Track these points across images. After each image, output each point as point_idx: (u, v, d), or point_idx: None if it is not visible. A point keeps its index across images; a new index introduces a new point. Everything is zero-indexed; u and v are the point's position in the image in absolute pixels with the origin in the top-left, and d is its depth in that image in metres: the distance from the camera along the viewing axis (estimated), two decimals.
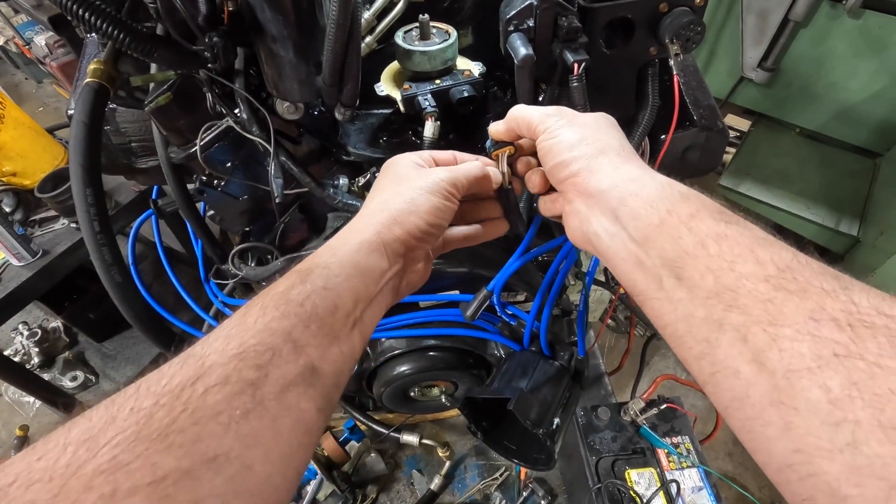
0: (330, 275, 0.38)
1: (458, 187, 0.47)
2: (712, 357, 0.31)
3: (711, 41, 2.09)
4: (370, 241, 0.42)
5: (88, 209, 0.60)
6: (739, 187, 2.07)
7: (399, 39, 0.65)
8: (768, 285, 0.30)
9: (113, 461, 0.25)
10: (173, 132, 0.72)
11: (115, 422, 0.27)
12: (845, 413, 0.24)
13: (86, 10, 0.48)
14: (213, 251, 0.92)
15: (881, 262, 1.66)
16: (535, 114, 0.47)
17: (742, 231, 0.33)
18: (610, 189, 0.40)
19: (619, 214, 0.38)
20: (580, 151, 0.43)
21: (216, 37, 0.52)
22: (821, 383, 0.25)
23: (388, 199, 0.45)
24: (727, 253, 0.32)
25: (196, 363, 0.30)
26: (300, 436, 0.32)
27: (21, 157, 1.62)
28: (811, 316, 0.27)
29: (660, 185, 0.38)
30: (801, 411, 0.26)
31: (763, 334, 0.28)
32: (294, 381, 0.33)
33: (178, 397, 0.28)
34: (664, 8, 0.60)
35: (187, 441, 0.27)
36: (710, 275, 0.32)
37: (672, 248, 0.35)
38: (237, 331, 0.33)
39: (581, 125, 0.45)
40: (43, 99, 3.73)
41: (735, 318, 0.30)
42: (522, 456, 0.79)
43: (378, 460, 1.59)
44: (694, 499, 0.88)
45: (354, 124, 0.75)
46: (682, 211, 0.36)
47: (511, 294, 0.99)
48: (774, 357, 0.28)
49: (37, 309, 2.12)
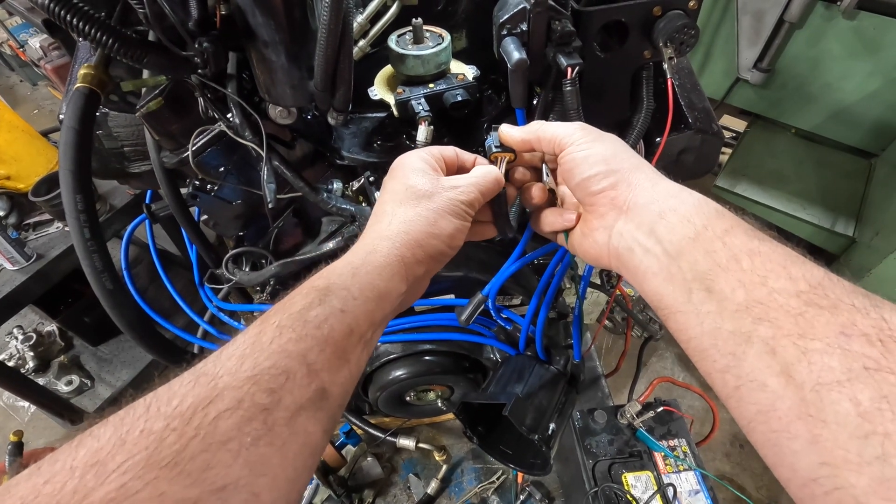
0: (348, 297, 0.38)
1: (475, 206, 0.47)
2: (738, 370, 0.31)
3: (707, 42, 2.09)
4: (392, 264, 0.41)
5: (78, 215, 0.59)
6: (735, 188, 2.08)
7: (392, 43, 0.64)
8: (799, 300, 0.30)
9: (122, 489, 0.24)
10: (165, 137, 0.72)
11: (124, 445, 0.26)
12: (875, 426, 0.24)
13: (74, 15, 0.47)
14: (207, 256, 0.92)
15: (877, 263, 1.66)
16: (560, 128, 0.47)
17: (775, 248, 0.34)
18: (649, 203, 0.40)
19: (656, 228, 0.39)
20: (617, 164, 0.43)
21: (206, 42, 0.52)
22: (851, 396, 0.25)
23: (411, 220, 0.44)
24: (760, 268, 0.32)
25: (208, 383, 0.30)
26: (306, 459, 0.33)
27: (15, 160, 1.61)
28: (842, 331, 0.27)
29: (696, 201, 0.39)
30: (830, 424, 0.26)
31: (793, 347, 0.28)
32: (304, 405, 0.32)
33: (189, 422, 0.28)
34: (658, 11, 0.60)
35: (196, 469, 0.26)
36: (742, 288, 0.32)
37: (705, 261, 0.35)
38: (251, 350, 0.33)
39: (611, 141, 0.45)
40: (38, 102, 3.72)
41: (764, 330, 0.30)
42: (518, 460, 0.79)
43: (374, 464, 1.59)
44: (691, 502, 0.88)
45: (348, 128, 0.75)
46: (717, 226, 0.36)
47: (506, 298, 0.98)
48: (804, 370, 0.28)
49: (32, 313, 2.12)
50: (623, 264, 0.42)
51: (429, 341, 0.93)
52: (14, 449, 1.37)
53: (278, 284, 0.93)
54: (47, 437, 1.97)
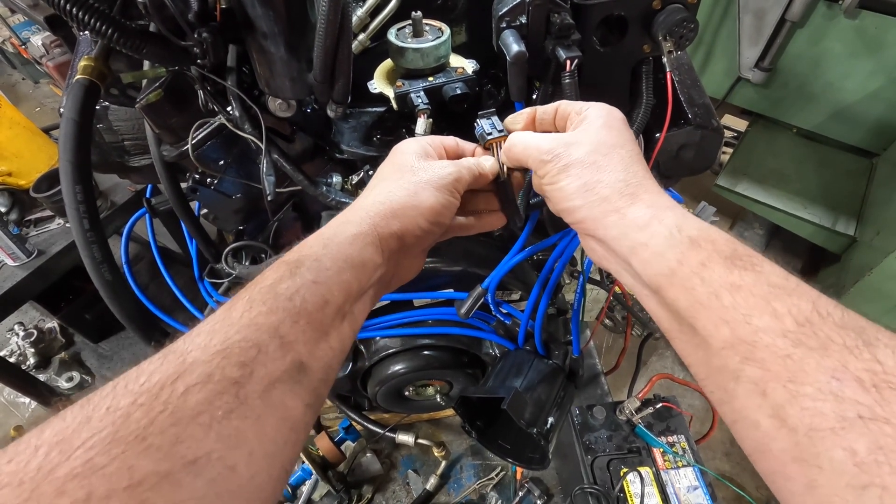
0: (321, 268, 0.37)
1: (462, 182, 0.46)
2: (731, 406, 0.31)
3: (708, 41, 2.09)
4: (365, 233, 0.40)
5: (78, 206, 0.59)
6: (736, 187, 2.07)
7: (392, 37, 0.64)
8: (787, 340, 0.29)
9: (87, 464, 0.24)
10: (165, 130, 0.72)
11: (90, 422, 0.25)
12: (872, 478, 0.24)
13: (74, 5, 0.48)
14: (207, 250, 0.92)
15: (878, 262, 1.66)
16: (533, 153, 0.44)
17: (757, 280, 0.32)
18: (619, 238, 0.39)
19: (631, 263, 0.38)
20: (581, 200, 0.41)
21: (205, 32, 0.52)
22: (846, 445, 0.25)
23: (391, 191, 0.43)
24: (742, 305, 0.31)
25: (177, 360, 0.29)
26: (286, 433, 0.31)
27: (16, 157, 1.62)
28: (833, 375, 0.26)
29: (668, 231, 0.36)
30: (826, 471, 0.25)
31: (783, 390, 0.28)
32: (280, 378, 0.31)
33: (156, 397, 0.27)
34: (657, 5, 0.60)
35: (166, 443, 0.26)
36: (725, 326, 0.31)
37: (685, 298, 0.34)
38: (221, 326, 0.32)
39: (580, 165, 0.41)
40: (40, 99, 3.73)
41: (752, 371, 0.29)
42: (517, 455, 0.79)
43: (374, 460, 1.59)
44: (689, 498, 0.88)
45: (348, 122, 0.75)
46: (692, 260, 0.34)
47: (506, 293, 0.98)
48: (795, 414, 0.27)
49: (33, 309, 2.12)
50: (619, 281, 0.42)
51: (428, 336, 0.93)
52: None
53: None
54: None
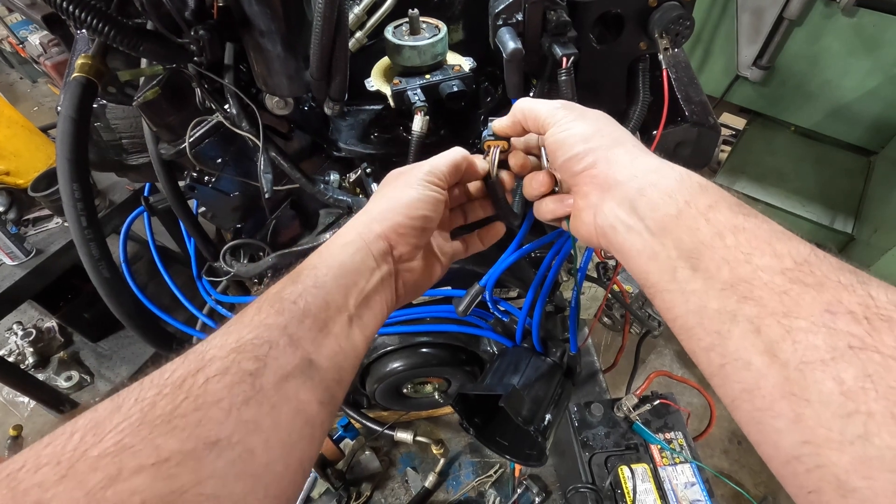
0: (318, 274, 0.40)
1: (438, 175, 0.47)
2: (722, 349, 0.31)
3: (707, 40, 2.09)
4: (353, 241, 0.43)
5: (76, 204, 0.59)
6: (735, 185, 2.08)
7: (389, 34, 0.65)
8: (784, 278, 0.29)
9: (118, 444, 0.26)
10: (163, 128, 0.72)
11: (119, 410, 0.28)
12: (858, 405, 0.24)
13: (71, 3, 0.48)
14: (205, 248, 0.92)
15: (875, 259, 1.67)
16: (543, 107, 0.46)
17: (760, 224, 0.33)
18: (628, 180, 0.39)
19: (637, 205, 0.38)
20: (596, 143, 0.42)
21: (202, 30, 0.52)
22: (834, 375, 0.25)
23: (371, 205, 0.47)
24: (744, 245, 0.32)
25: (196, 358, 0.32)
26: (300, 426, 0.33)
27: (14, 156, 1.62)
28: (827, 308, 0.27)
29: (678, 175, 0.38)
30: (813, 403, 0.26)
31: (777, 326, 0.28)
32: (292, 372, 0.34)
33: (179, 387, 0.29)
34: (653, 2, 0.60)
35: (189, 425, 0.28)
36: (726, 266, 0.32)
37: (689, 238, 0.34)
38: (235, 328, 0.35)
39: (592, 118, 0.44)
40: (38, 98, 3.72)
41: (749, 309, 0.30)
42: (514, 452, 0.79)
43: (372, 458, 1.59)
44: (687, 494, 0.88)
45: (345, 120, 0.75)
46: (700, 202, 0.35)
47: (504, 290, 0.98)
48: (788, 348, 0.27)
49: (31, 309, 2.12)
50: (609, 243, 0.41)
51: (426, 333, 0.93)
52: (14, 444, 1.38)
53: (276, 276, 0.93)
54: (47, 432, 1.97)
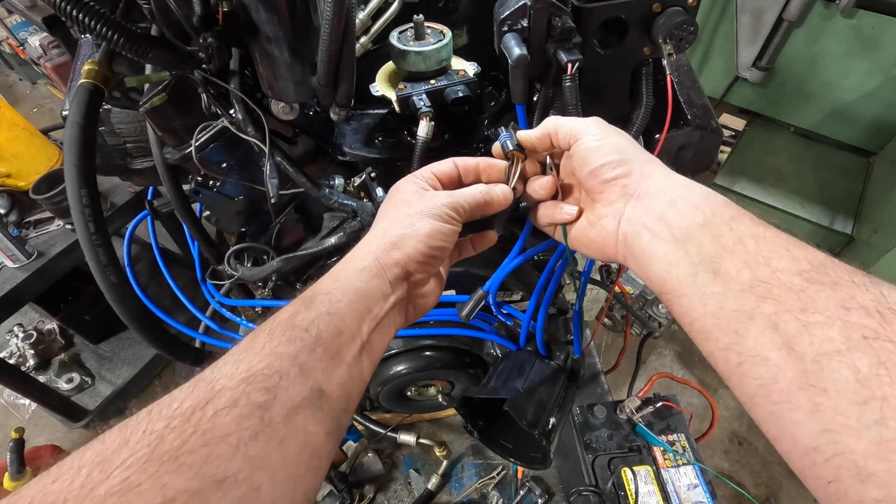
0: (332, 300, 0.39)
1: (458, 211, 0.47)
2: (740, 347, 0.32)
3: (706, 41, 2.10)
4: (369, 266, 0.42)
5: (83, 210, 0.59)
6: (734, 186, 2.08)
7: (394, 40, 0.65)
8: (801, 278, 0.31)
9: (125, 482, 0.26)
10: (168, 133, 0.72)
11: (127, 444, 0.28)
12: (873, 391, 0.25)
13: (79, 10, 0.48)
14: (209, 252, 0.92)
15: (875, 260, 1.67)
16: (574, 122, 0.48)
17: (779, 233, 0.36)
18: (661, 192, 0.42)
19: (666, 215, 0.40)
20: (632, 156, 0.45)
21: (210, 37, 0.52)
22: (850, 364, 0.26)
23: (389, 226, 0.46)
24: (764, 250, 0.34)
25: (206, 387, 0.32)
26: (308, 459, 0.33)
27: (15, 158, 1.61)
28: (842, 304, 0.29)
29: (706, 192, 0.41)
30: (830, 392, 0.27)
31: (794, 321, 0.30)
32: (301, 403, 0.33)
33: (188, 420, 0.29)
34: (657, 8, 0.60)
35: (197, 462, 0.28)
36: (746, 269, 0.34)
37: (712, 244, 0.36)
38: (245, 356, 0.34)
39: (624, 135, 0.47)
40: (37, 100, 3.72)
41: (767, 307, 0.31)
42: (519, 455, 0.80)
43: (375, 460, 1.59)
44: (689, 496, 0.89)
45: (350, 124, 0.75)
46: (725, 213, 0.38)
47: (507, 293, 0.99)
48: (805, 342, 0.29)
49: (32, 311, 2.12)
50: (630, 250, 0.43)
51: (430, 336, 0.93)
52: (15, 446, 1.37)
53: (280, 280, 0.93)
54: (48, 434, 1.97)
